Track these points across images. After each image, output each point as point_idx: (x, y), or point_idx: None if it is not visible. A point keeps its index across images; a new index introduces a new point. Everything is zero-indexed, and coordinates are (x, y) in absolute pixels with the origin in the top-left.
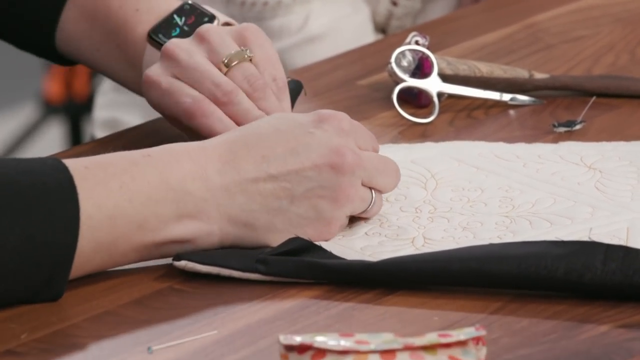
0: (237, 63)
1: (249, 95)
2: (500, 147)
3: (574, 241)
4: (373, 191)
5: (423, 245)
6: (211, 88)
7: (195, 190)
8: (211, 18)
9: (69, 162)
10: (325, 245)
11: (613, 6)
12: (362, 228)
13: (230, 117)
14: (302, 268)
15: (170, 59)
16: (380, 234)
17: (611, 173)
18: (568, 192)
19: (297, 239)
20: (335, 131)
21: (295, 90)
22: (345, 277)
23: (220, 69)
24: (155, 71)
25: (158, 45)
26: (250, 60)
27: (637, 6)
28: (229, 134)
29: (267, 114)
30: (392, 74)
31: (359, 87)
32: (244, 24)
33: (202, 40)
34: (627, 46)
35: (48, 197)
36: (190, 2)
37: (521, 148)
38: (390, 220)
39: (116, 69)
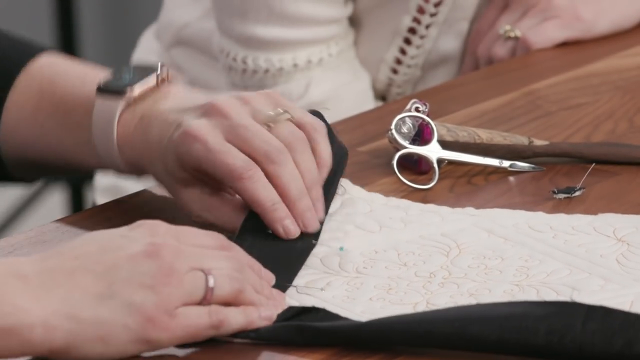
0: (279, 123)
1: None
2: (538, 217)
3: (555, 302)
4: (210, 276)
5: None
6: (263, 146)
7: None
8: (154, 69)
9: None
10: (326, 306)
11: (612, 74)
12: (368, 292)
13: (273, 177)
14: (292, 331)
15: (219, 116)
16: (384, 299)
17: (638, 246)
18: (586, 264)
19: (290, 308)
20: (150, 232)
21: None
22: (335, 338)
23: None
24: (202, 126)
25: (110, 94)
26: (289, 120)
27: (635, 74)
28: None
29: (303, 169)
30: (393, 140)
31: (360, 154)
32: (262, 92)
33: (245, 101)
34: (626, 114)
35: None
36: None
37: (559, 219)
38: (400, 286)
39: (63, 140)
